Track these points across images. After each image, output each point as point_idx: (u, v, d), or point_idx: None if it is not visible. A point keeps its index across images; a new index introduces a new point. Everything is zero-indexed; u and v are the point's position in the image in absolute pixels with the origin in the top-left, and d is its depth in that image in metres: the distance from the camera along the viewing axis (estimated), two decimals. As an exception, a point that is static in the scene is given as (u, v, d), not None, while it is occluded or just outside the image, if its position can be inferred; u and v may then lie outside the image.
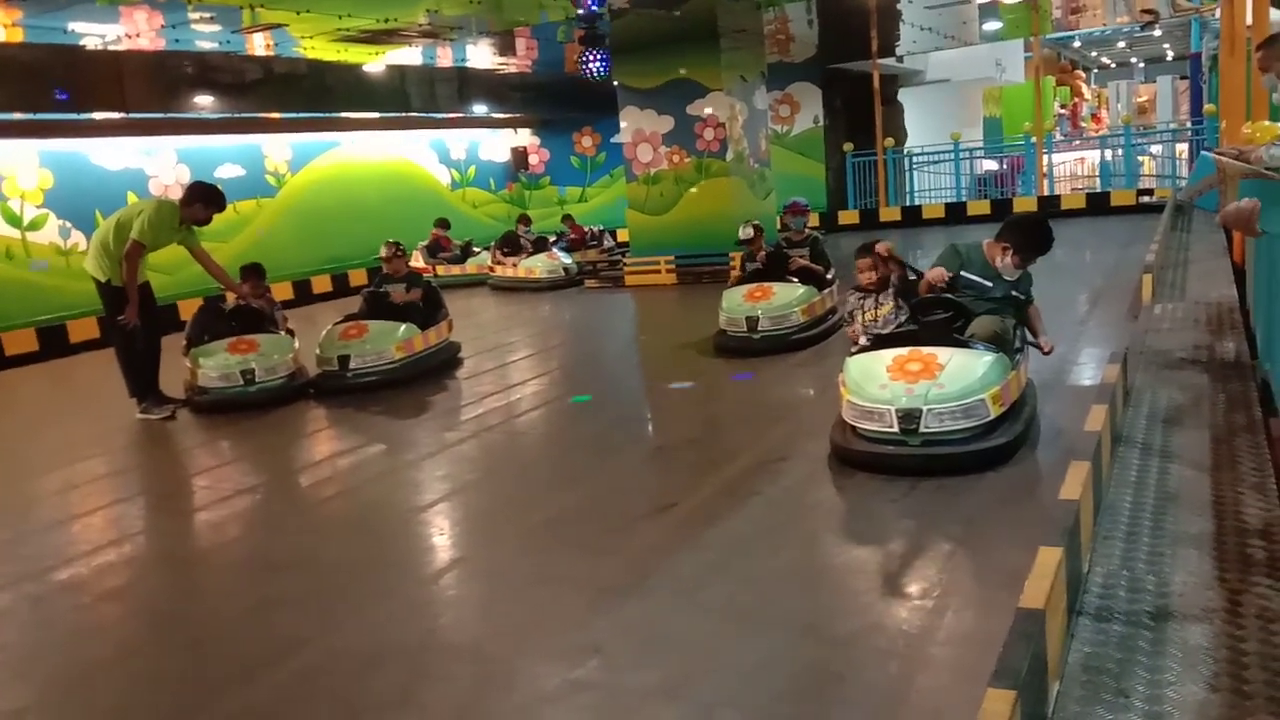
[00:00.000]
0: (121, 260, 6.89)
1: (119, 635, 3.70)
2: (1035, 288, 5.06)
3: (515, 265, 13.24)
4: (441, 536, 4.47)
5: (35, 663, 3.48)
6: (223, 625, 3.65)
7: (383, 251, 8.24)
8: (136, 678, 3.28)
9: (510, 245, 13.70)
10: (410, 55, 13.58)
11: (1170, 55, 32.61)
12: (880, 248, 5.08)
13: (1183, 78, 28.29)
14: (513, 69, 15.82)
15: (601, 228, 15.18)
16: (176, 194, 12.13)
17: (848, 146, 16.93)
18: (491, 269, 13.65)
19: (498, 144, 17.96)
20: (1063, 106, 26.47)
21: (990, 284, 4.83)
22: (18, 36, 9.82)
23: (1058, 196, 15.47)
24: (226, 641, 3.49)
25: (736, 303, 7.53)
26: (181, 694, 3.12)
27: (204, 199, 7.11)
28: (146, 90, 11.31)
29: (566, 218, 15.33)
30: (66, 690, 3.26)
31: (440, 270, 13.67)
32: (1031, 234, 4.79)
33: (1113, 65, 36.74)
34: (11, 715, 3.09)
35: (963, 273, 4.87)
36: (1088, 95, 30.39)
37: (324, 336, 7.54)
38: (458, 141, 16.95)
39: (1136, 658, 2.33)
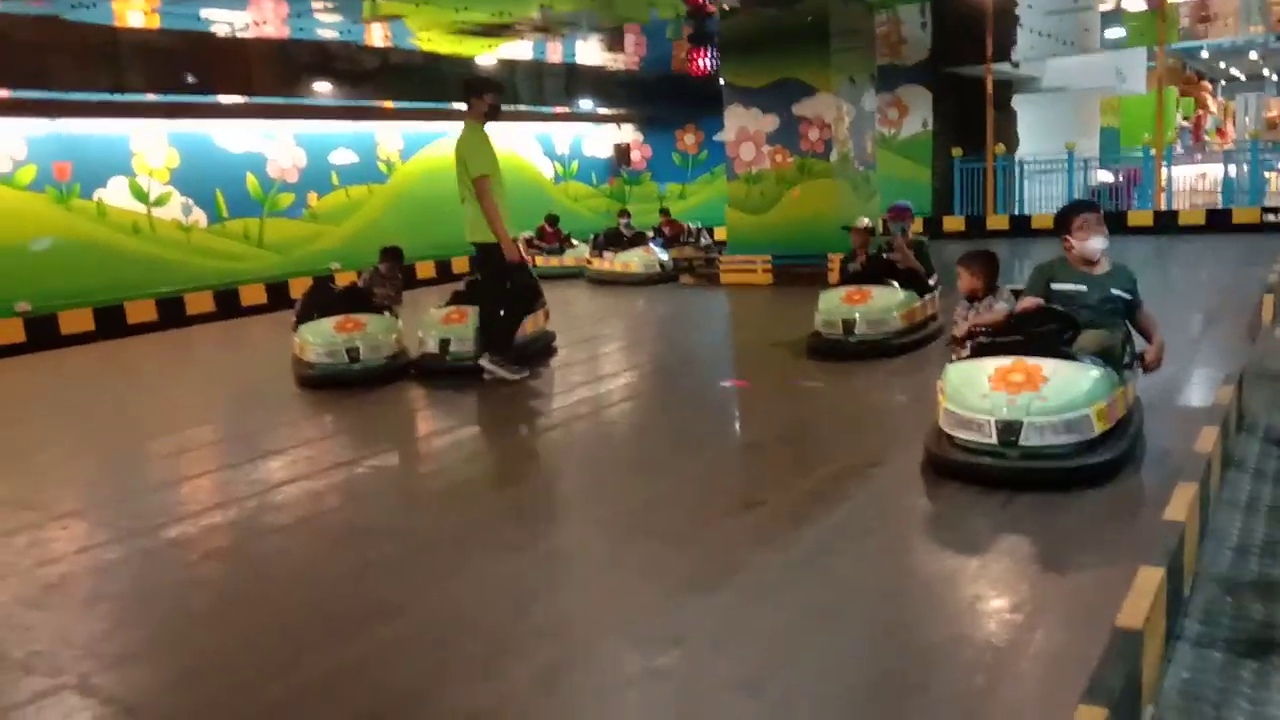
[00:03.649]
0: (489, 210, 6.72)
1: (222, 591, 3.87)
2: (1147, 305, 4.88)
3: (612, 259, 13.34)
4: (530, 518, 4.55)
5: (144, 612, 3.68)
6: (320, 588, 3.78)
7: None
8: (237, 631, 3.43)
9: (610, 239, 13.80)
10: (521, 49, 13.80)
11: (1307, 68, 30.97)
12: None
13: (1319, 92, 26.86)
14: (620, 66, 15.95)
15: (699, 225, 15.18)
16: (294, 177, 12.76)
17: (956, 152, 16.57)
18: (589, 261, 13.79)
19: (601, 139, 18.12)
20: (1185, 118, 25.40)
21: (1085, 287, 4.70)
22: (155, 23, 10.33)
23: (1175, 211, 14.86)
24: (323, 602, 3.62)
25: (834, 304, 7.43)
26: (278, 648, 3.26)
27: (481, 89, 6.84)
28: (270, 76, 11.77)
29: (663, 212, 15.38)
30: (172, 639, 3.43)
31: (539, 261, 13.87)
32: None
33: (1243, 77, 35.07)
34: (123, 658, 3.27)
35: (1054, 286, 4.75)
36: (1213, 108, 29.11)
37: (426, 320, 7.73)
38: (562, 135, 17.16)
39: (1239, 687, 2.25)
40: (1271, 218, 13.86)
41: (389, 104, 13.53)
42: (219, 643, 3.36)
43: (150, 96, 10.88)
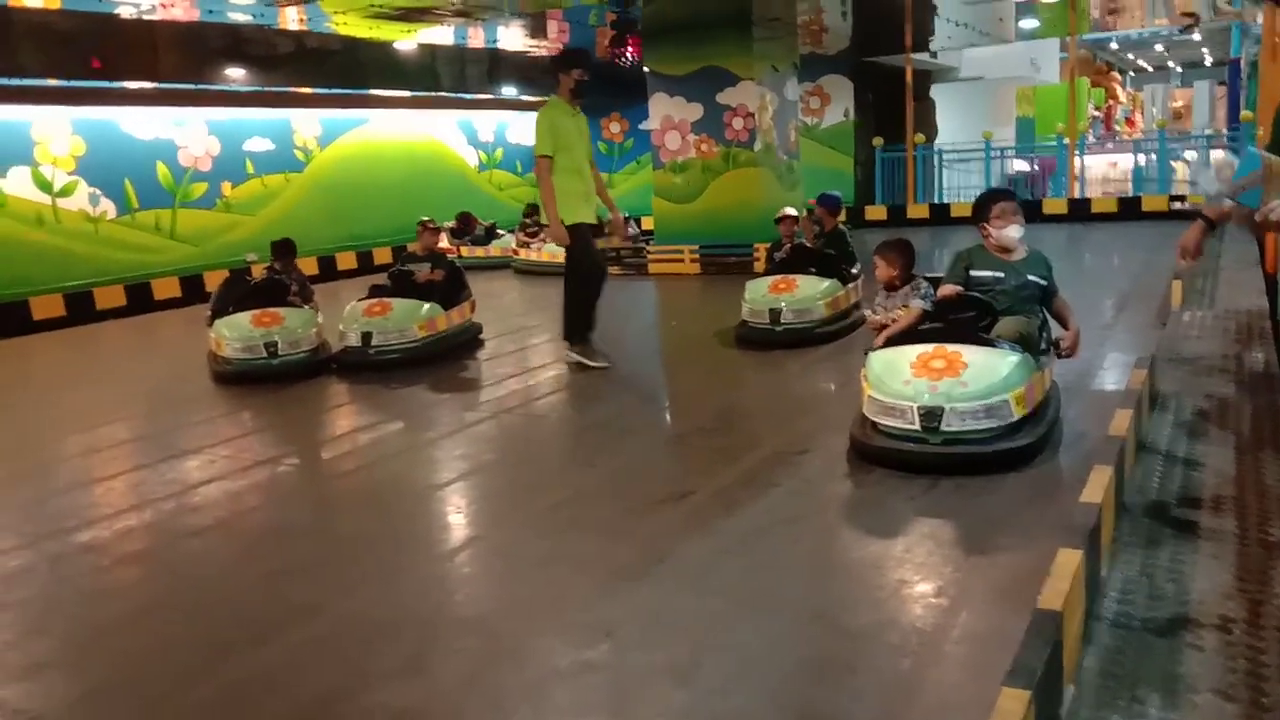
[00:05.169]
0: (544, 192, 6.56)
1: (136, 596, 3.74)
2: (1063, 291, 5.01)
3: (539, 249, 13.24)
4: (457, 514, 4.49)
5: (54, 619, 3.53)
6: (238, 590, 3.68)
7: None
8: (152, 637, 3.32)
9: (538, 229, 13.69)
10: (442, 35, 13.58)
11: (1209, 60, 32.13)
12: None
13: (1221, 83, 27.95)
14: (543, 52, 15.81)
15: (627, 214, 15.11)
16: (207, 166, 12.37)
17: (878, 141, 16.80)
18: (516, 252, 13.66)
19: (526, 127, 17.93)
20: (1097, 108, 26.17)
21: (1002, 274, 4.80)
22: (55, 3, 9.90)
23: (1088, 199, 15.30)
24: (241, 606, 3.52)
25: (760, 294, 7.49)
26: (195, 653, 3.16)
27: (568, 63, 6.72)
28: (179, 61, 11.38)
29: None
30: (84, 647, 3.30)
31: (464, 251, 13.69)
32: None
33: (1150, 68, 36.25)
34: (32, 668, 3.14)
35: (972, 273, 4.85)
36: (1123, 98, 30.05)
37: (347, 313, 7.56)
38: (486, 123, 16.94)
39: (1153, 665, 2.31)
40: (1178, 205, 14.34)
41: (306, 90, 13.20)
42: (133, 650, 3.24)
43: (51, 81, 10.42)
